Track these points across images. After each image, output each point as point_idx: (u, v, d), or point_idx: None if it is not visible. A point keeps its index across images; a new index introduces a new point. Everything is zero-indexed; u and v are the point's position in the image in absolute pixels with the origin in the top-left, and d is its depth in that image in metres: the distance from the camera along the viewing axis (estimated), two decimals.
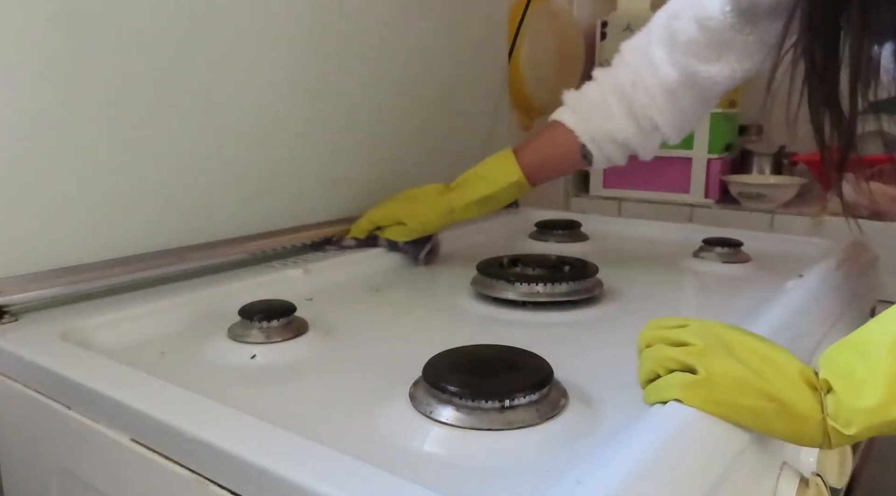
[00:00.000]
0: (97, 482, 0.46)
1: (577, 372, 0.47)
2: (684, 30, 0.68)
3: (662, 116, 0.72)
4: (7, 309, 0.56)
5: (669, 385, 0.39)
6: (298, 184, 0.81)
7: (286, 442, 0.37)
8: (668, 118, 0.72)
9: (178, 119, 0.68)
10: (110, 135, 0.63)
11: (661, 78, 0.70)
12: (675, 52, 0.69)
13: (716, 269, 0.80)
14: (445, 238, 0.90)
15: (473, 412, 0.40)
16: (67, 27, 0.59)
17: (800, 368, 0.38)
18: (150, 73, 0.65)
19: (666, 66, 0.70)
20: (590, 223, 1.01)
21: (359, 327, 0.61)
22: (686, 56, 0.69)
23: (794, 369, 0.38)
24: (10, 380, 0.51)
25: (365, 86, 0.88)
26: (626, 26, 1.40)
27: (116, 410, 0.43)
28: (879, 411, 0.35)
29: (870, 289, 0.77)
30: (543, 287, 0.64)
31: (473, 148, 1.11)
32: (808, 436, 0.37)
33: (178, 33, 0.67)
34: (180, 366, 0.52)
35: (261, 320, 0.54)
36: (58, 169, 0.60)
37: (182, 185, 0.69)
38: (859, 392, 0.35)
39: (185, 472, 0.39)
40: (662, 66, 0.70)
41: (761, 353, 0.39)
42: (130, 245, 0.66)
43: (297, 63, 0.79)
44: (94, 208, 0.63)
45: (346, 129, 0.87)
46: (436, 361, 0.44)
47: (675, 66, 0.69)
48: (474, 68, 1.08)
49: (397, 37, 0.92)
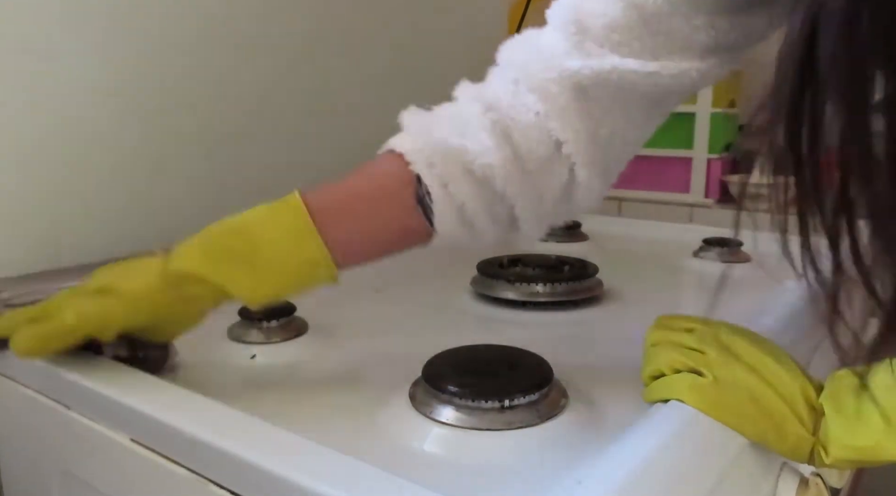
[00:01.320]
0: (97, 482, 0.46)
1: (577, 372, 0.47)
2: (602, 12, 0.42)
3: (565, 130, 0.43)
4: (7, 309, 0.56)
5: (676, 385, 0.39)
6: (297, 184, 0.81)
7: (286, 442, 0.37)
8: (576, 132, 0.44)
9: (178, 119, 0.68)
10: (108, 135, 0.63)
11: (563, 71, 0.43)
12: (586, 41, 0.43)
13: (716, 269, 0.80)
14: None
15: (473, 412, 0.40)
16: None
17: (802, 386, 0.38)
18: (146, 78, 0.65)
19: (573, 58, 0.43)
20: (590, 223, 1.01)
21: (359, 327, 0.61)
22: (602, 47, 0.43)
23: (797, 387, 0.38)
24: (10, 381, 0.51)
25: (363, 86, 0.88)
26: None
27: (116, 410, 0.42)
28: (866, 451, 0.36)
29: None
30: (543, 287, 0.64)
31: None
32: (798, 454, 0.38)
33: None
34: (180, 366, 0.52)
35: (261, 320, 0.54)
36: (57, 170, 0.60)
37: (181, 185, 0.69)
38: (852, 429, 0.36)
39: (185, 472, 0.39)
40: (567, 58, 0.43)
41: (767, 366, 0.39)
42: (130, 245, 0.66)
43: (293, 63, 0.79)
44: (94, 208, 0.63)
45: (344, 129, 0.87)
46: (436, 361, 0.44)
47: (587, 59, 0.43)
48: (474, 69, 1.08)
49: (396, 37, 0.92)
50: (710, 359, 0.39)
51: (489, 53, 0.49)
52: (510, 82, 0.45)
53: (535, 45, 0.46)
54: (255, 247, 0.43)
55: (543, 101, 0.43)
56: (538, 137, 0.44)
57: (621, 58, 0.42)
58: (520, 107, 0.44)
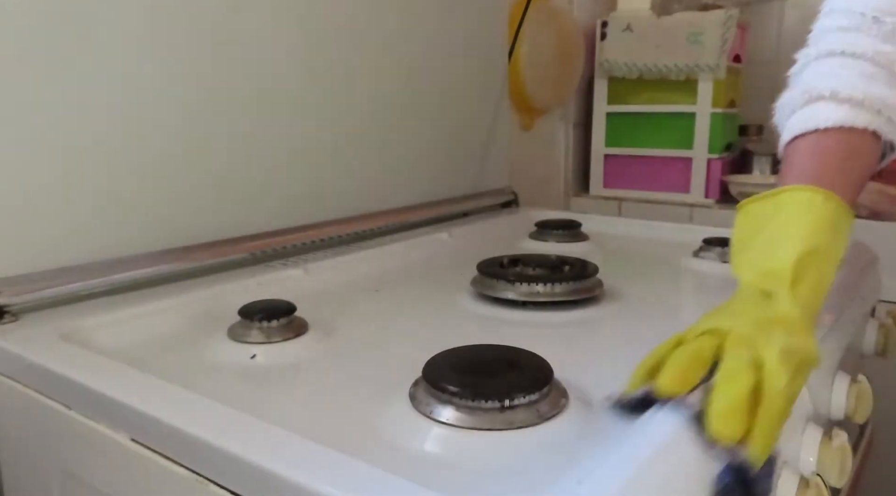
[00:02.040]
0: (97, 482, 0.46)
1: (577, 372, 0.47)
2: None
3: None
4: (7, 309, 0.56)
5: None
6: (298, 184, 0.81)
7: (286, 442, 0.37)
8: None
9: (177, 119, 0.68)
10: (106, 136, 0.63)
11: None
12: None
13: (716, 269, 0.80)
14: (445, 239, 0.90)
15: (473, 412, 0.40)
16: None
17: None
18: (153, 79, 0.66)
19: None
20: (590, 223, 1.01)
21: (359, 327, 0.61)
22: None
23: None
24: (10, 380, 0.51)
25: (364, 86, 0.88)
26: (626, 26, 1.40)
27: (116, 410, 0.43)
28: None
29: (870, 290, 0.77)
30: (543, 287, 0.64)
31: (473, 148, 1.11)
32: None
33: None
34: (180, 366, 0.52)
35: (261, 320, 0.54)
36: (56, 170, 0.60)
37: (181, 186, 0.69)
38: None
39: (185, 472, 0.39)
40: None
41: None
42: (130, 245, 0.66)
43: (295, 65, 0.79)
44: (94, 208, 0.63)
45: (346, 129, 0.87)
46: (436, 361, 0.44)
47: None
48: (474, 68, 1.08)
49: (396, 37, 0.92)
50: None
51: (489, 53, 0.49)
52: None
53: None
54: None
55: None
56: None
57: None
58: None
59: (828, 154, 0.51)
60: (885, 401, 0.71)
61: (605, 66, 1.42)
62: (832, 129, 0.51)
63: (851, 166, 0.52)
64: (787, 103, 0.56)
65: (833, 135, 0.52)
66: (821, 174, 0.50)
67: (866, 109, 0.51)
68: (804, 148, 0.53)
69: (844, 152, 0.51)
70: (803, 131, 0.53)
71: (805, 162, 0.52)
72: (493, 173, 1.15)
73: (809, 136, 0.52)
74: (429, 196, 1.01)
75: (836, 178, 0.50)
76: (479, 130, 1.12)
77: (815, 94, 0.53)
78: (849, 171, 0.51)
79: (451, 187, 1.06)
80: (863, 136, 0.51)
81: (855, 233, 0.51)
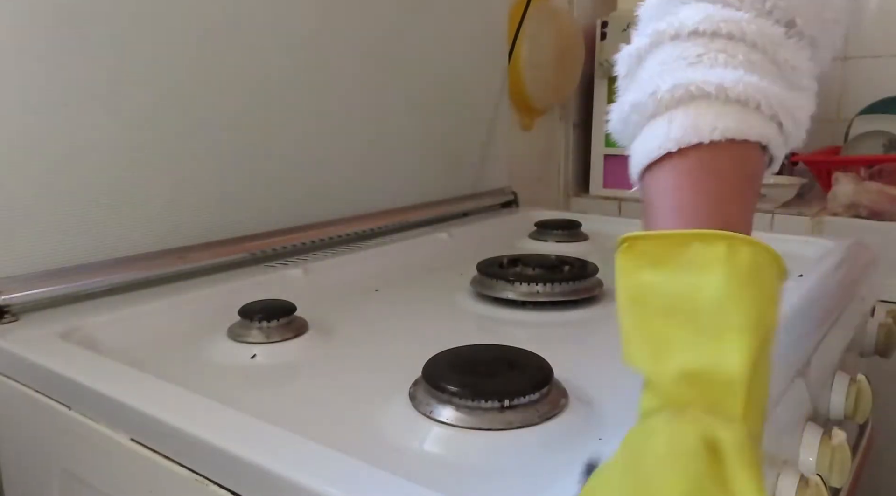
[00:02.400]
0: (97, 482, 0.46)
1: (577, 372, 0.47)
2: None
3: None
4: (7, 309, 0.56)
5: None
6: (298, 184, 0.81)
7: (286, 442, 0.37)
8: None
9: (177, 119, 0.68)
10: (106, 136, 0.63)
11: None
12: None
13: None
14: (445, 239, 0.90)
15: (473, 412, 0.40)
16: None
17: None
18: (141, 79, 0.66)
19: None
20: (590, 223, 1.01)
21: (359, 327, 0.61)
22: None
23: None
24: (10, 380, 0.51)
25: (364, 86, 0.88)
26: (626, 26, 1.40)
27: (116, 410, 0.43)
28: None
29: (870, 290, 0.77)
30: (543, 287, 0.64)
31: (473, 148, 1.11)
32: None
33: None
34: (180, 366, 0.52)
35: (261, 320, 0.54)
36: (56, 170, 0.60)
37: (181, 186, 0.69)
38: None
39: (185, 472, 0.39)
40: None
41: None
42: (130, 245, 0.66)
43: (295, 63, 0.79)
44: (94, 208, 0.63)
45: (346, 129, 0.87)
46: (436, 361, 0.44)
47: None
48: (474, 68, 1.08)
49: (397, 37, 0.92)
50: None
51: (489, 53, 0.49)
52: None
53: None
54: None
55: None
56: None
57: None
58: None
59: (723, 178, 0.37)
60: (884, 401, 0.71)
61: (605, 66, 1.42)
62: (721, 142, 0.37)
63: (752, 193, 0.38)
64: (635, 108, 0.40)
65: (724, 151, 0.37)
66: (727, 212, 0.36)
67: (761, 114, 0.38)
68: (687, 171, 0.37)
69: (741, 173, 0.37)
70: (679, 147, 0.37)
71: (698, 194, 0.36)
72: (493, 173, 1.15)
73: (689, 152, 0.37)
74: (429, 196, 1.01)
75: (743, 213, 0.37)
76: (479, 130, 1.12)
77: (688, 92, 0.37)
78: (749, 200, 0.38)
79: (451, 187, 1.06)
80: (754, 149, 0.38)
81: (855, 233, 0.51)
